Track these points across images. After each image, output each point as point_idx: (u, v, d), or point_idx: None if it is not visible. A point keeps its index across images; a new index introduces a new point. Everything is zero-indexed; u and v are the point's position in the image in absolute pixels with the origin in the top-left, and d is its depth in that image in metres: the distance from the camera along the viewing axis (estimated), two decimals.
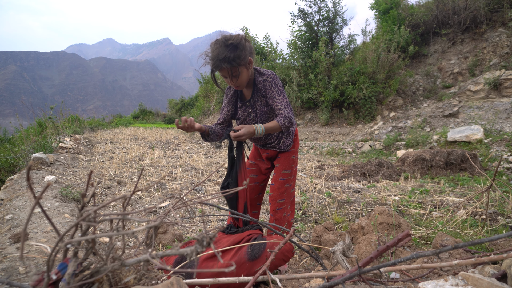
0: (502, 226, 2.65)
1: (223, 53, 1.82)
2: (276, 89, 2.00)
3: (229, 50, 1.82)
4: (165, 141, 11.45)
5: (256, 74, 2.05)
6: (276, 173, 2.27)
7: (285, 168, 2.25)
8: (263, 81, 2.00)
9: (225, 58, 1.82)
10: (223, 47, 1.83)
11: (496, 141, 6.78)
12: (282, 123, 1.93)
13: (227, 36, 1.86)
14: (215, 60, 1.86)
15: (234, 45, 1.83)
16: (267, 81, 1.99)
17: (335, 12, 13.17)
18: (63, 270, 0.82)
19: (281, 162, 2.26)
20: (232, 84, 1.97)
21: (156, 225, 0.75)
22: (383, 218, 2.33)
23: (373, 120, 11.06)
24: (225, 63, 1.83)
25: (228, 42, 1.83)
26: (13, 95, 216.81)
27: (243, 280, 1.31)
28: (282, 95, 2.00)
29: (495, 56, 10.57)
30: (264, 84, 2.00)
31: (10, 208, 2.68)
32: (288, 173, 2.26)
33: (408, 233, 0.99)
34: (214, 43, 1.89)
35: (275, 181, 2.26)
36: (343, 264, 1.40)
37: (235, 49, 1.83)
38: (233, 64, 1.84)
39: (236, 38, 1.85)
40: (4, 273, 1.55)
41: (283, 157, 2.27)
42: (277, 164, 2.29)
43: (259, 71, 2.05)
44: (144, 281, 0.99)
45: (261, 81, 2.01)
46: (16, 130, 7.90)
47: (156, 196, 3.93)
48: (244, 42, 1.87)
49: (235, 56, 1.83)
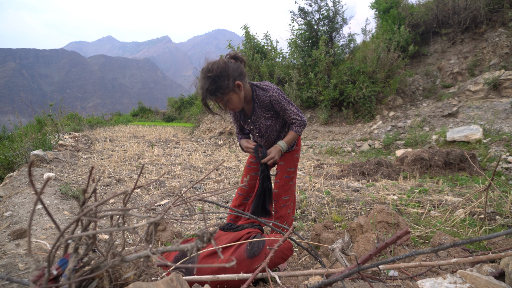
0: (500, 225, 2.66)
1: (206, 86, 1.84)
2: (285, 101, 2.04)
3: (210, 82, 1.82)
4: (164, 139, 11.44)
5: (258, 90, 2.05)
6: (280, 171, 2.31)
7: (289, 166, 2.29)
8: (269, 97, 2.02)
9: (208, 90, 1.84)
10: (205, 79, 1.84)
11: (495, 141, 6.80)
12: (299, 131, 2.10)
13: (209, 66, 1.85)
14: (200, 92, 1.89)
15: (213, 78, 1.82)
16: (274, 96, 2.01)
17: (335, 11, 13.15)
18: (63, 265, 0.82)
19: (286, 160, 2.30)
20: (226, 109, 2.00)
21: (156, 221, 0.76)
22: (382, 216, 2.34)
23: (372, 119, 11.06)
24: (210, 95, 1.86)
25: (208, 75, 1.83)
26: (12, 93, 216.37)
27: (242, 277, 1.32)
28: (291, 105, 2.06)
29: (494, 56, 10.58)
30: (271, 99, 2.02)
31: (9, 205, 2.68)
32: (292, 171, 2.31)
33: (407, 231, 1.00)
34: (200, 72, 1.90)
35: (280, 179, 2.29)
36: (342, 262, 1.41)
37: (215, 81, 1.83)
38: (217, 95, 1.86)
39: (216, 69, 1.83)
40: (4, 269, 1.55)
41: (287, 155, 2.31)
42: (281, 162, 2.32)
43: (261, 87, 2.05)
44: (144, 277, 0.99)
45: (267, 96, 2.02)
46: (15, 128, 7.89)
47: (156, 194, 3.93)
48: (225, 71, 1.85)
49: (217, 87, 1.83)
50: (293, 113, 2.05)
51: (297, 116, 2.06)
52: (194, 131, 15.40)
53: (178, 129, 17.45)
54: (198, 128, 15.44)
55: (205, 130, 14.66)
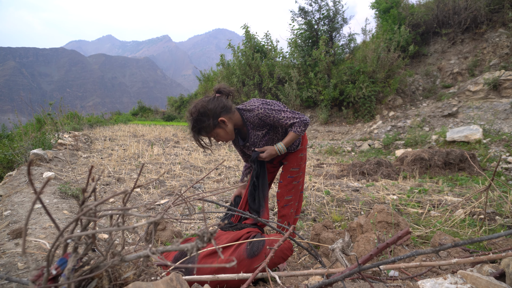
0: (500, 226, 2.66)
1: (191, 127, 1.97)
2: (274, 112, 1.99)
3: (193, 123, 1.95)
4: (164, 138, 11.44)
5: (245, 113, 2.05)
6: (284, 171, 2.31)
7: (293, 166, 2.30)
8: (257, 115, 2.00)
9: (193, 130, 1.97)
10: (189, 121, 1.98)
11: (495, 142, 6.80)
12: (299, 130, 2.02)
13: (191, 109, 1.96)
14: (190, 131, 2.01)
15: (195, 120, 1.93)
16: (260, 113, 1.99)
17: (335, 11, 13.16)
18: (63, 265, 0.81)
19: (289, 160, 2.31)
20: (218, 141, 2.10)
21: (156, 220, 0.75)
22: (382, 216, 2.34)
23: (372, 119, 11.06)
24: (197, 134, 1.99)
25: (190, 117, 1.96)
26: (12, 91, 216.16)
27: (242, 277, 1.31)
28: (282, 111, 2.00)
29: (495, 56, 10.58)
30: (259, 117, 2.01)
31: (9, 204, 2.68)
32: (296, 171, 2.30)
33: (408, 231, 0.99)
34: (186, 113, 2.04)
35: (283, 179, 2.30)
36: (342, 262, 1.40)
37: (198, 122, 1.94)
38: (202, 134, 1.99)
39: (195, 112, 1.93)
40: (3, 268, 1.55)
41: (291, 155, 2.31)
42: (285, 162, 2.33)
43: (247, 109, 2.03)
44: (144, 277, 0.99)
45: (254, 116, 2.01)
46: (14, 126, 7.88)
47: (155, 193, 3.92)
48: (204, 113, 1.92)
49: (200, 128, 1.95)
50: (288, 118, 1.99)
51: (294, 119, 1.99)
52: None
53: (178, 128, 17.43)
54: None
55: None
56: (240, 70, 14.18)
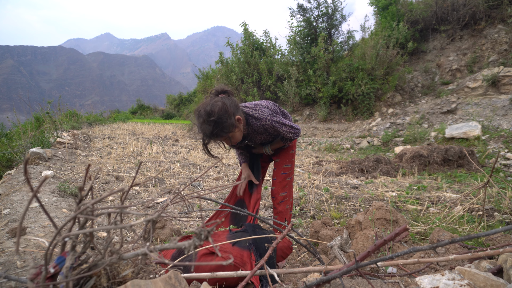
0: (498, 222, 2.67)
1: (209, 130, 1.81)
2: (278, 125, 2.04)
3: (213, 126, 1.80)
4: (163, 136, 11.43)
5: (251, 119, 2.03)
6: (277, 168, 2.33)
7: (285, 163, 2.32)
8: (263, 126, 2.02)
9: (212, 134, 1.82)
10: (206, 123, 1.81)
11: (494, 138, 6.81)
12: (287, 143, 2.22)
13: (208, 109, 1.81)
14: (203, 135, 1.87)
15: (217, 121, 1.80)
16: (267, 124, 2.01)
17: (334, 8, 13.12)
18: (61, 263, 0.82)
19: (281, 157, 2.33)
20: (229, 145, 2.03)
21: (154, 218, 0.75)
22: (380, 213, 2.34)
23: (371, 116, 11.06)
24: (214, 137, 1.86)
25: (210, 119, 1.80)
26: (10, 90, 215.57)
27: (240, 275, 1.32)
28: (284, 126, 2.05)
29: (493, 53, 10.58)
30: (264, 127, 2.04)
31: (8, 203, 2.68)
32: (288, 167, 2.34)
33: (405, 228, 1.00)
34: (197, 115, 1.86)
35: (276, 176, 2.32)
36: (340, 259, 1.41)
37: (218, 123, 1.81)
38: (222, 135, 1.85)
39: (218, 112, 1.80)
40: (2, 267, 1.55)
41: (282, 152, 2.34)
42: (277, 159, 2.35)
43: (254, 116, 2.02)
44: (142, 275, 0.99)
45: (260, 125, 2.03)
46: (13, 125, 7.85)
47: (154, 191, 3.92)
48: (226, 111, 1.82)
49: (220, 129, 1.82)
50: (287, 132, 2.07)
51: (291, 134, 2.09)
52: (193, 129, 15.38)
53: (177, 126, 17.43)
54: None
55: None
56: (239, 67, 14.15)
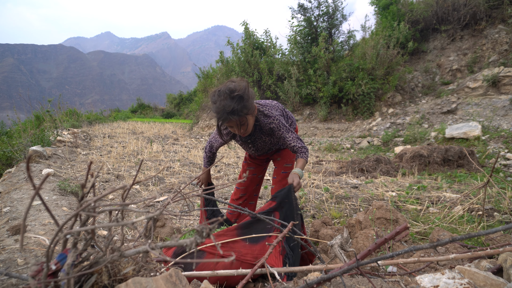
0: (498, 222, 2.67)
1: (230, 106, 1.74)
2: (284, 129, 2.02)
3: (235, 102, 1.74)
4: (163, 135, 11.43)
5: (260, 115, 2.02)
6: (277, 167, 2.32)
7: (286, 162, 2.31)
8: (269, 124, 2.00)
9: (233, 110, 1.74)
10: (228, 99, 1.75)
11: (494, 138, 6.81)
12: (306, 156, 2.02)
13: (231, 86, 1.77)
14: (221, 113, 1.77)
15: (240, 96, 1.75)
16: (274, 123, 2.00)
17: (334, 8, 13.11)
18: (62, 260, 0.82)
19: (282, 156, 2.32)
20: (240, 133, 1.93)
21: (155, 216, 0.75)
22: (380, 213, 2.34)
23: (371, 116, 11.06)
24: (233, 116, 1.76)
25: (233, 94, 1.74)
26: (11, 88, 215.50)
27: (241, 273, 1.32)
28: (290, 132, 2.03)
29: (494, 53, 10.57)
30: (270, 127, 2.01)
31: (8, 201, 2.68)
32: (289, 167, 2.32)
33: (406, 226, 1.00)
34: (217, 94, 1.79)
35: (277, 175, 2.31)
36: (341, 258, 1.41)
37: (241, 100, 1.76)
38: (241, 115, 1.78)
39: (241, 88, 1.77)
40: (3, 264, 1.55)
41: (283, 152, 2.32)
42: (278, 158, 2.34)
43: (263, 113, 2.02)
44: (143, 272, 0.99)
45: (267, 123, 2.01)
46: (13, 123, 7.85)
47: (154, 190, 3.93)
48: (248, 90, 1.80)
49: (242, 107, 1.76)
50: (292, 139, 2.03)
51: (297, 143, 2.02)
52: (193, 128, 15.39)
53: (177, 125, 17.44)
54: (197, 124, 15.42)
55: (204, 127, 14.65)
56: (239, 67, 14.14)
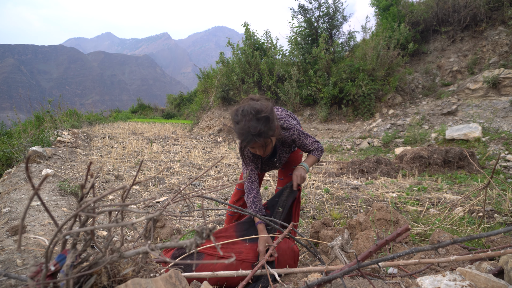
0: (498, 223, 2.66)
1: (256, 128, 1.66)
2: (303, 136, 2.05)
3: (262, 123, 1.68)
4: (164, 136, 11.43)
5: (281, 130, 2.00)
6: (285, 169, 2.31)
7: (294, 164, 2.29)
8: (291, 136, 2.01)
9: (260, 132, 1.67)
10: (254, 120, 1.67)
11: (494, 140, 6.80)
12: (318, 156, 2.10)
13: (257, 107, 1.69)
14: (246, 134, 1.68)
15: (267, 117, 1.69)
16: (295, 134, 2.02)
17: (335, 9, 13.11)
18: (61, 261, 0.81)
19: (291, 158, 2.31)
20: (261, 154, 1.88)
21: (155, 216, 0.75)
22: (381, 214, 2.34)
23: (371, 117, 11.06)
24: (259, 138, 1.69)
25: (260, 115, 1.67)
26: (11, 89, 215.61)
27: (241, 274, 1.31)
28: (308, 137, 2.07)
29: (494, 54, 10.57)
30: (292, 138, 2.02)
31: (8, 201, 2.67)
32: None
33: (407, 228, 0.99)
34: (241, 114, 1.71)
35: (284, 176, 2.30)
36: (341, 259, 1.40)
37: (267, 121, 1.69)
38: (266, 137, 1.72)
39: (268, 110, 1.70)
40: (2, 265, 1.55)
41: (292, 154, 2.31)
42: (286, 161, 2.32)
43: (283, 126, 2.00)
44: (143, 273, 0.99)
45: (288, 136, 2.01)
46: (13, 124, 7.86)
47: (155, 190, 3.92)
48: (273, 111, 1.75)
49: (269, 128, 1.70)
50: (311, 144, 2.06)
51: (315, 146, 2.07)
52: (193, 128, 15.39)
53: (177, 126, 17.44)
54: (197, 125, 15.42)
55: (204, 127, 14.64)
56: (240, 67, 14.15)
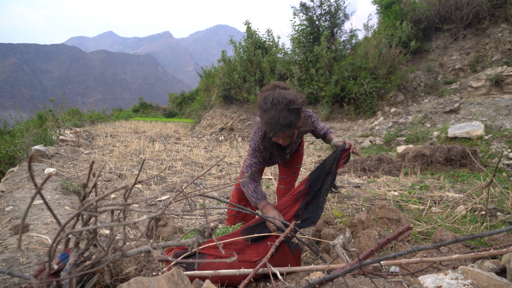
0: (501, 222, 2.65)
1: (288, 118, 1.64)
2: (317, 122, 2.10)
3: (293, 115, 1.65)
4: (165, 134, 11.44)
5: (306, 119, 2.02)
6: (288, 168, 2.32)
7: (297, 163, 2.32)
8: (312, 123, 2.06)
9: (291, 124, 1.66)
10: (285, 111, 1.64)
11: (497, 138, 6.78)
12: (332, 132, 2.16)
13: (289, 98, 1.66)
14: (275, 124, 1.65)
15: (300, 109, 1.68)
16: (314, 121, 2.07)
17: (336, 7, 13.06)
18: (64, 260, 0.82)
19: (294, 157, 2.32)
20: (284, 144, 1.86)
21: (157, 215, 0.75)
22: (383, 212, 2.34)
23: (373, 115, 11.03)
24: (289, 129, 1.68)
25: (292, 107, 1.65)
26: (13, 88, 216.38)
27: (243, 273, 1.32)
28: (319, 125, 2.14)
29: (497, 52, 10.52)
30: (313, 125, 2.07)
31: (11, 200, 2.68)
32: (298, 167, 2.36)
33: (409, 226, 0.99)
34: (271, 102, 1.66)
35: (287, 175, 2.31)
36: (343, 257, 1.40)
37: (298, 113, 1.68)
38: (295, 127, 1.71)
39: (300, 102, 1.69)
40: (5, 263, 1.55)
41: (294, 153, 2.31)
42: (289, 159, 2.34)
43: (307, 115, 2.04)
44: (145, 272, 0.99)
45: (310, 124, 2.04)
46: (16, 123, 7.88)
47: (156, 189, 3.93)
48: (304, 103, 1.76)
49: (298, 120, 1.70)
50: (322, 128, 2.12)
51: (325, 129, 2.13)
52: (195, 127, 15.39)
53: (179, 124, 17.45)
54: (199, 123, 15.43)
55: (206, 126, 14.64)
56: (242, 66, 14.13)
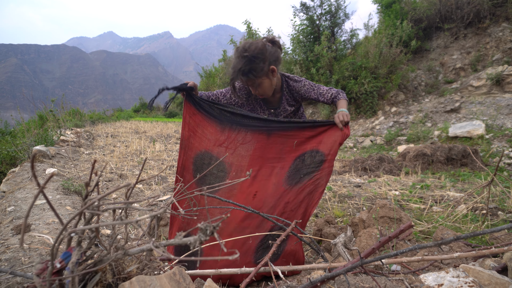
0: (502, 221, 2.65)
1: (239, 66, 1.75)
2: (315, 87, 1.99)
3: (244, 63, 1.74)
4: (166, 134, 11.45)
5: (290, 81, 2.02)
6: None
7: None
8: (302, 87, 1.99)
9: (240, 70, 1.76)
10: (239, 58, 1.76)
11: (498, 137, 6.77)
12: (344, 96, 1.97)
13: (245, 46, 1.76)
14: (232, 71, 1.79)
15: (249, 58, 1.73)
16: (306, 85, 1.99)
17: (337, 6, 13.07)
18: (66, 259, 0.82)
19: None
20: (255, 93, 1.92)
21: (159, 214, 0.76)
22: (384, 211, 2.34)
23: (374, 115, 11.03)
24: (241, 76, 1.78)
25: (244, 54, 1.74)
26: (14, 88, 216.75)
27: (244, 271, 1.32)
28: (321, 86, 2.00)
29: (498, 51, 10.51)
30: (304, 89, 1.99)
31: (12, 200, 2.69)
32: None
33: (410, 225, 0.99)
34: (235, 50, 1.82)
35: None
36: (344, 256, 1.41)
37: (250, 62, 1.74)
38: (249, 76, 1.78)
39: (253, 49, 1.74)
40: (8, 263, 1.56)
41: None
42: None
43: (293, 79, 2.02)
44: (147, 270, 0.99)
45: (298, 87, 1.99)
46: (17, 123, 7.89)
47: (157, 189, 3.94)
48: (262, 53, 1.77)
49: (250, 68, 1.75)
50: (328, 90, 1.98)
51: (333, 91, 1.98)
52: None
53: (180, 125, 17.44)
54: None
55: None
56: None
